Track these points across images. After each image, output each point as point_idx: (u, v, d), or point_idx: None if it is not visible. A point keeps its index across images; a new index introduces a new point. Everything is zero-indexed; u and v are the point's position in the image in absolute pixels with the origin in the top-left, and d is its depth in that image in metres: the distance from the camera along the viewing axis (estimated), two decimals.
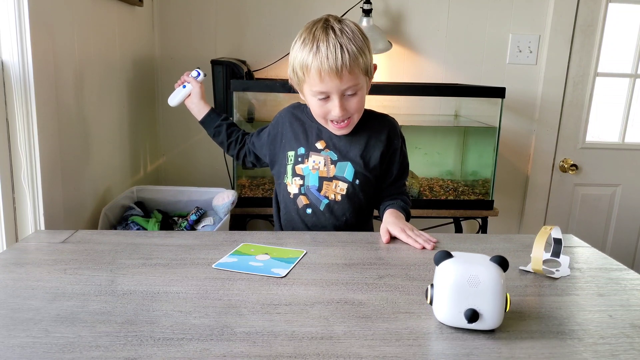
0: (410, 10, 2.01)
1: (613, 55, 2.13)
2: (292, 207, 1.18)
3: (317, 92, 1.06)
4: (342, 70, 1.01)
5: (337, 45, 1.01)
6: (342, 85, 1.03)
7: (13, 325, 0.66)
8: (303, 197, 1.16)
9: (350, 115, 1.09)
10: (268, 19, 1.98)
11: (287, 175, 1.17)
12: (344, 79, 1.02)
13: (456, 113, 2.10)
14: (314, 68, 1.02)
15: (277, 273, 0.85)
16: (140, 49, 1.82)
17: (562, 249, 0.95)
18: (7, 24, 1.01)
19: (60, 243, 0.97)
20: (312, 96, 1.08)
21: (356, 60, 1.03)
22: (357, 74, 1.04)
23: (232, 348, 0.62)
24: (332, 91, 1.05)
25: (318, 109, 1.09)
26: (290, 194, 1.17)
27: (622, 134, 2.20)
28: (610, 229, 2.29)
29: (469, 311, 0.65)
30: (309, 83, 1.06)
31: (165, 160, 2.08)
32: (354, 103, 1.07)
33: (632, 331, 0.69)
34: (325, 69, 1.01)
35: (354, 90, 1.06)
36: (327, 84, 1.03)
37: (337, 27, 1.04)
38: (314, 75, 1.03)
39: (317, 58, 1.01)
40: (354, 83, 1.04)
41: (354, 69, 1.03)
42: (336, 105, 1.05)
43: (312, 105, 1.11)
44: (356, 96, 1.07)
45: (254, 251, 0.95)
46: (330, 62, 1.00)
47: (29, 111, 1.06)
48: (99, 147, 1.44)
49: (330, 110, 1.07)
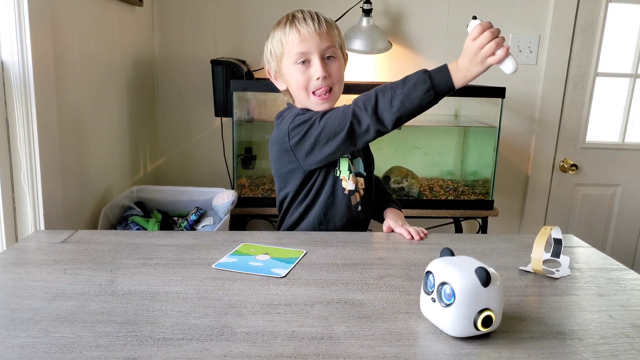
0: (410, 10, 2.01)
1: (613, 55, 2.13)
2: (343, 203, 1.11)
3: (297, 54, 1.06)
4: (320, 28, 1.05)
5: (312, 12, 1.08)
6: (322, 44, 1.06)
7: (13, 325, 0.66)
8: (357, 194, 1.12)
9: (332, 85, 1.08)
10: (268, 19, 1.97)
11: (339, 169, 1.11)
12: (322, 38, 1.05)
13: (456, 113, 2.10)
14: (292, 33, 1.05)
15: (277, 273, 0.85)
16: (140, 49, 1.82)
17: (562, 249, 0.95)
18: (7, 24, 1.01)
19: (60, 243, 0.97)
20: (292, 65, 1.07)
21: (331, 27, 1.08)
22: (334, 38, 1.08)
23: (232, 348, 0.62)
24: (312, 50, 1.06)
25: (300, 75, 1.07)
26: (345, 190, 1.11)
27: (622, 134, 2.20)
28: (610, 229, 2.29)
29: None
30: (288, 52, 1.07)
31: (165, 160, 2.08)
32: (334, 68, 1.08)
33: (632, 331, 0.69)
34: (304, 30, 1.05)
35: (332, 53, 1.08)
36: (307, 43, 1.05)
37: (306, 10, 1.09)
38: (293, 40, 1.05)
39: (294, 24, 1.06)
40: (332, 44, 1.07)
41: (330, 33, 1.07)
42: (317, 65, 1.05)
43: (293, 78, 1.08)
44: (336, 61, 1.09)
45: (253, 251, 0.95)
46: (308, 22, 1.05)
47: (29, 111, 1.06)
48: (99, 147, 1.44)
49: (312, 76, 1.06)
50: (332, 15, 1.92)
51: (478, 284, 0.63)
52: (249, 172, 1.90)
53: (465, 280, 0.64)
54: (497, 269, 0.89)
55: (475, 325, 0.64)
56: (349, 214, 1.12)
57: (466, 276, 0.64)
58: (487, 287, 0.63)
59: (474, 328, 0.64)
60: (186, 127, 2.05)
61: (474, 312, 0.63)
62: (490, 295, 0.64)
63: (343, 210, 1.12)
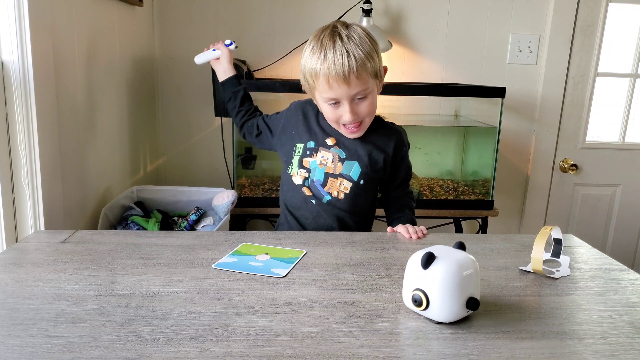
0: (410, 10, 2.01)
1: (613, 55, 2.13)
2: (298, 193, 1.19)
3: (327, 99, 1.08)
4: (350, 76, 1.03)
5: (343, 51, 1.02)
6: (350, 91, 1.05)
7: (13, 325, 0.66)
8: (306, 189, 1.17)
9: (362, 119, 1.11)
10: (268, 19, 1.98)
11: (292, 166, 1.19)
12: (352, 85, 1.04)
13: (456, 113, 2.10)
14: (322, 75, 1.05)
15: (277, 273, 0.85)
16: (140, 49, 1.82)
17: (562, 249, 0.95)
18: (7, 24, 1.01)
19: (60, 243, 0.97)
20: (323, 102, 1.11)
21: (364, 66, 1.04)
22: (366, 78, 1.06)
23: (232, 348, 0.62)
24: (341, 97, 1.07)
25: (330, 114, 1.12)
26: (295, 184, 1.19)
27: (622, 134, 2.20)
28: (610, 229, 2.29)
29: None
30: (319, 90, 1.09)
31: (165, 160, 2.08)
32: (365, 107, 1.09)
33: (632, 331, 0.69)
34: (332, 76, 1.03)
35: (363, 95, 1.08)
36: (335, 91, 1.05)
37: (344, 33, 1.05)
38: (322, 83, 1.06)
39: (324, 65, 1.03)
40: (362, 88, 1.06)
41: (362, 74, 1.04)
42: (347, 111, 1.08)
43: (324, 111, 1.13)
44: (366, 100, 1.09)
45: (253, 251, 0.95)
46: (337, 69, 1.02)
47: (29, 111, 1.06)
48: (99, 147, 1.44)
49: (342, 115, 1.09)
50: (332, 16, 1.94)
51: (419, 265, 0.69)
52: (249, 172, 1.90)
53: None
54: (497, 269, 0.90)
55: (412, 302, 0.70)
56: (305, 204, 1.18)
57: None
58: (427, 269, 0.68)
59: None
60: (186, 127, 2.05)
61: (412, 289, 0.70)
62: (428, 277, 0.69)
63: (298, 199, 1.18)
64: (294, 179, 1.19)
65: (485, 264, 0.92)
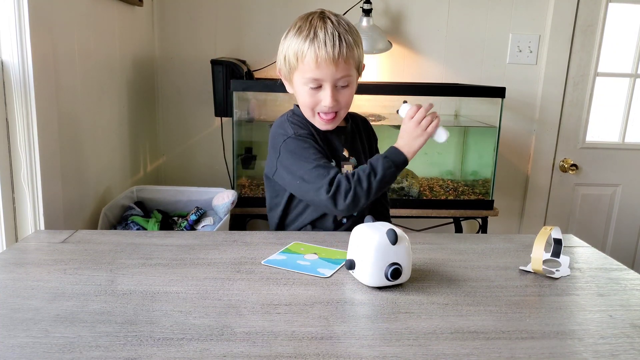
0: (410, 10, 2.01)
1: (613, 55, 2.13)
2: (330, 216, 1.13)
3: (310, 79, 1.04)
4: (339, 58, 1.01)
5: (335, 33, 1.01)
6: (337, 73, 1.03)
7: (13, 325, 0.66)
8: None
9: (339, 109, 1.08)
10: (268, 19, 1.98)
11: None
12: (339, 67, 1.02)
13: (456, 113, 2.10)
14: (310, 54, 1.01)
15: (322, 273, 0.85)
16: (140, 49, 1.82)
17: (562, 249, 0.95)
18: (7, 24, 1.01)
19: (60, 243, 0.97)
20: (303, 85, 1.06)
21: (351, 51, 1.03)
22: (351, 65, 1.04)
23: (232, 348, 0.62)
24: (325, 79, 1.03)
25: (308, 98, 1.06)
26: None
27: (622, 134, 2.20)
28: (610, 229, 2.29)
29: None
30: (302, 70, 1.04)
31: (165, 160, 2.08)
32: (345, 96, 1.07)
33: (632, 331, 0.69)
34: (322, 55, 1.00)
35: (346, 82, 1.05)
36: (322, 71, 1.02)
37: (333, 18, 1.04)
38: (309, 62, 1.02)
39: (314, 43, 1.01)
40: (347, 73, 1.04)
41: (349, 59, 1.03)
42: (328, 95, 1.04)
43: (301, 95, 1.08)
44: (347, 88, 1.07)
45: (303, 250, 0.96)
46: (328, 49, 1.00)
47: (29, 111, 1.06)
48: (99, 147, 1.44)
49: (321, 100, 1.05)
50: None
51: (388, 242, 0.78)
52: (249, 172, 1.90)
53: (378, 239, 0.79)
54: (497, 269, 0.90)
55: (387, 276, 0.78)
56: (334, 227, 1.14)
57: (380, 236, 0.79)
58: (395, 245, 0.78)
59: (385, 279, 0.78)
60: (186, 127, 2.05)
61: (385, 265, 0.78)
62: (399, 251, 0.78)
63: (328, 223, 1.14)
64: None
65: (485, 264, 0.92)
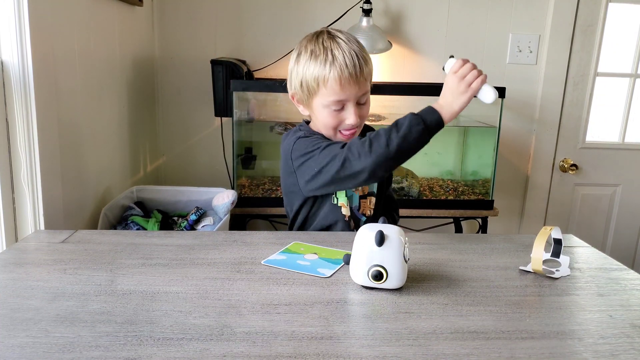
0: (410, 10, 2.01)
1: (613, 55, 2.13)
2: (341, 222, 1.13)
3: (333, 102, 1.03)
4: (360, 76, 1.02)
5: (351, 52, 1.01)
6: (359, 91, 1.03)
7: (13, 325, 0.66)
8: (349, 217, 1.13)
9: (362, 124, 1.09)
10: (268, 19, 1.98)
11: (336, 197, 1.11)
12: (360, 85, 1.03)
13: None
14: (332, 77, 1.00)
15: (322, 273, 0.86)
16: (140, 49, 1.82)
17: (562, 249, 0.95)
18: (7, 24, 1.01)
19: (60, 243, 0.97)
20: (324, 107, 1.05)
21: (367, 67, 1.04)
22: (368, 80, 1.06)
23: (232, 348, 0.62)
24: (349, 98, 1.03)
25: (331, 119, 1.06)
26: (346, 216, 1.12)
27: (622, 134, 2.20)
28: (610, 229, 2.29)
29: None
30: (324, 94, 1.03)
31: (165, 160, 2.08)
32: (366, 110, 1.08)
33: (632, 331, 0.69)
34: (345, 76, 1.00)
35: (365, 98, 1.07)
36: (346, 91, 1.02)
37: (342, 36, 1.04)
38: (332, 85, 1.01)
39: (335, 66, 1.00)
40: (367, 89, 1.06)
41: (367, 75, 1.04)
42: (352, 113, 1.04)
43: (323, 117, 1.06)
44: (367, 104, 1.08)
45: (303, 250, 0.96)
46: (350, 69, 1.00)
47: (28, 111, 1.06)
48: (99, 147, 1.44)
49: (344, 120, 1.05)
50: (332, 16, 1.94)
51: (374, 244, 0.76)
52: (249, 172, 1.90)
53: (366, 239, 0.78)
54: (497, 269, 0.90)
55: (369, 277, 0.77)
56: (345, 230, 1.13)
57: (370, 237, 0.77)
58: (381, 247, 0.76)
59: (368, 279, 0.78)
60: (186, 127, 2.05)
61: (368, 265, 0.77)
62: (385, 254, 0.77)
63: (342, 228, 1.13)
64: (343, 210, 1.11)
65: (485, 264, 0.92)
